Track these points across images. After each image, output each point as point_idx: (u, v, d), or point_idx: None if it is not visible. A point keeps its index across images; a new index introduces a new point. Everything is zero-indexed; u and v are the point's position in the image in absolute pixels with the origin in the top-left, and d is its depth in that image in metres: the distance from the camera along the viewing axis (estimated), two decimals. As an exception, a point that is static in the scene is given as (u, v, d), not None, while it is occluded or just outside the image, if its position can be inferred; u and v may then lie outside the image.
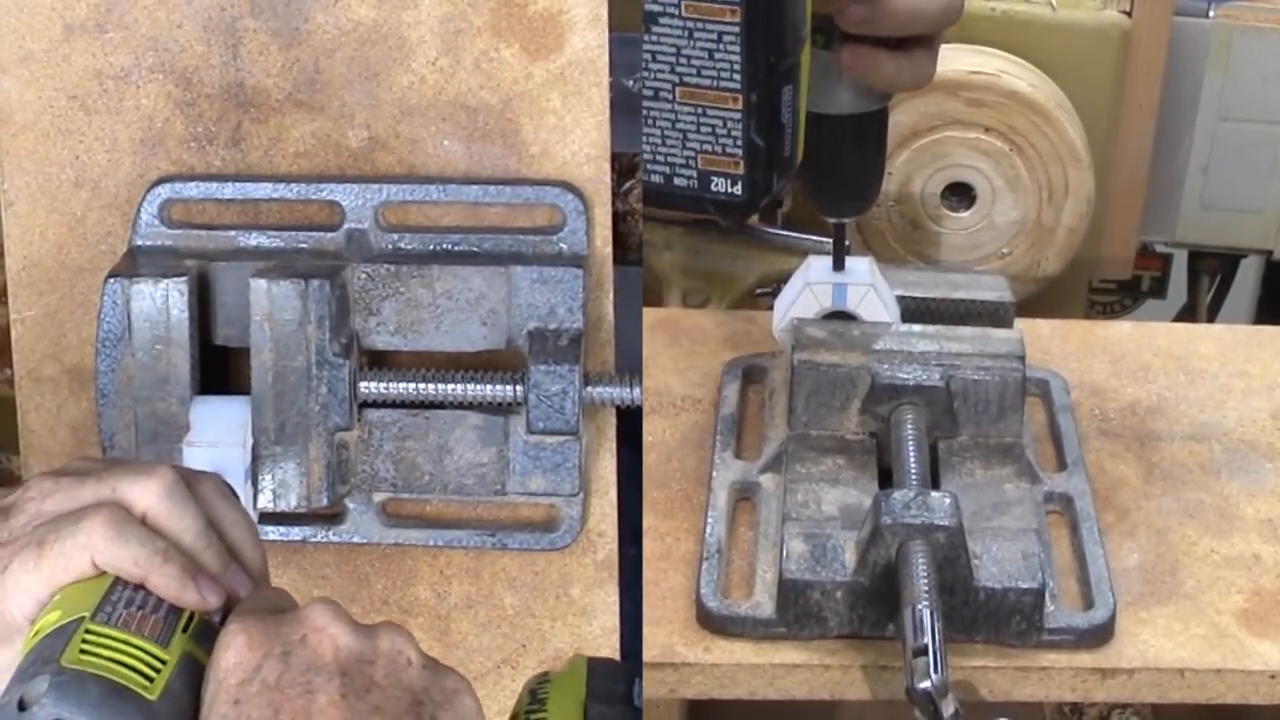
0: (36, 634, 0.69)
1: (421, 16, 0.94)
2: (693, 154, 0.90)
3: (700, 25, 0.87)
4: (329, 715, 0.65)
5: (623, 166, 1.22)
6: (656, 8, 0.87)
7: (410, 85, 0.95)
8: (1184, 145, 1.55)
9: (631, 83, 1.00)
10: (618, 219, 1.04)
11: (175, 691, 0.68)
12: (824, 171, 1.08)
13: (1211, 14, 1.52)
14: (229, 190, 0.96)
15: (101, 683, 0.66)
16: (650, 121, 0.90)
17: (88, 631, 0.68)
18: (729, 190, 0.91)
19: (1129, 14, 1.49)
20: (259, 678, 0.67)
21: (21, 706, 0.65)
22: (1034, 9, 1.48)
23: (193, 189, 0.96)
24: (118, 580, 0.70)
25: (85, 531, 0.70)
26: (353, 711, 0.66)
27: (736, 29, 0.87)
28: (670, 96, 0.89)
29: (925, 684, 0.88)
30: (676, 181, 0.91)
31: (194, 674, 0.69)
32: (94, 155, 0.96)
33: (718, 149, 0.90)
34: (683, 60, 0.88)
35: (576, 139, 0.95)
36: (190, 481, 0.74)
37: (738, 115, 0.89)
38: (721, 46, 0.87)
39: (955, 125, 1.43)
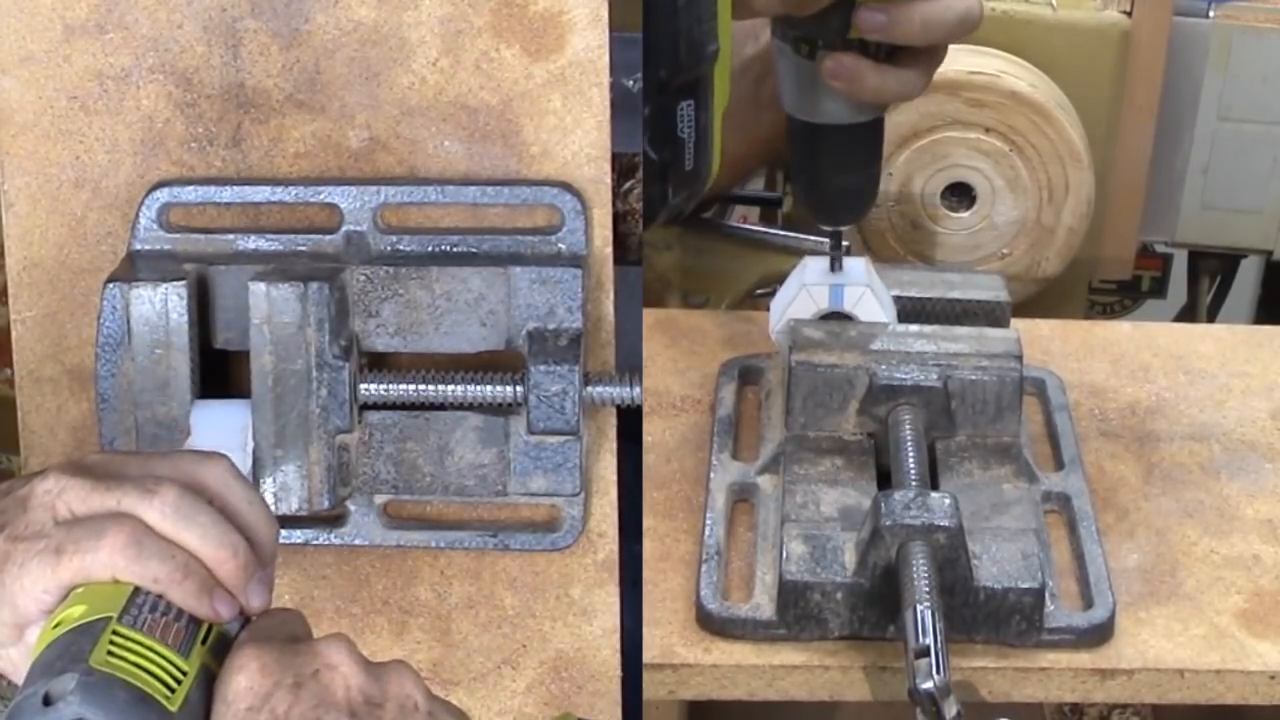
0: (58, 626, 0.69)
1: (422, 17, 0.94)
2: None
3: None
4: None
5: (623, 166, 1.22)
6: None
7: (410, 86, 0.95)
8: (1184, 145, 1.55)
9: (631, 83, 1.00)
10: (618, 219, 1.04)
11: (194, 704, 0.68)
12: (815, 180, 1.08)
13: (1211, 14, 1.52)
14: (227, 194, 0.96)
15: (129, 689, 0.66)
16: None
17: (115, 633, 0.68)
18: None
19: (1129, 14, 1.49)
20: (268, 706, 0.67)
21: (46, 701, 0.65)
22: (1034, 9, 1.49)
23: (190, 193, 0.96)
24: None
25: (106, 550, 0.71)
26: None
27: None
28: None
29: (928, 685, 0.88)
30: None
31: (209, 687, 0.70)
32: (94, 156, 0.96)
33: None
34: None
35: (577, 139, 0.95)
36: (198, 483, 0.75)
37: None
38: None
39: (955, 125, 1.43)
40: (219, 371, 0.95)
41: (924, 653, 0.89)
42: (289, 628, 0.73)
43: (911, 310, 1.15)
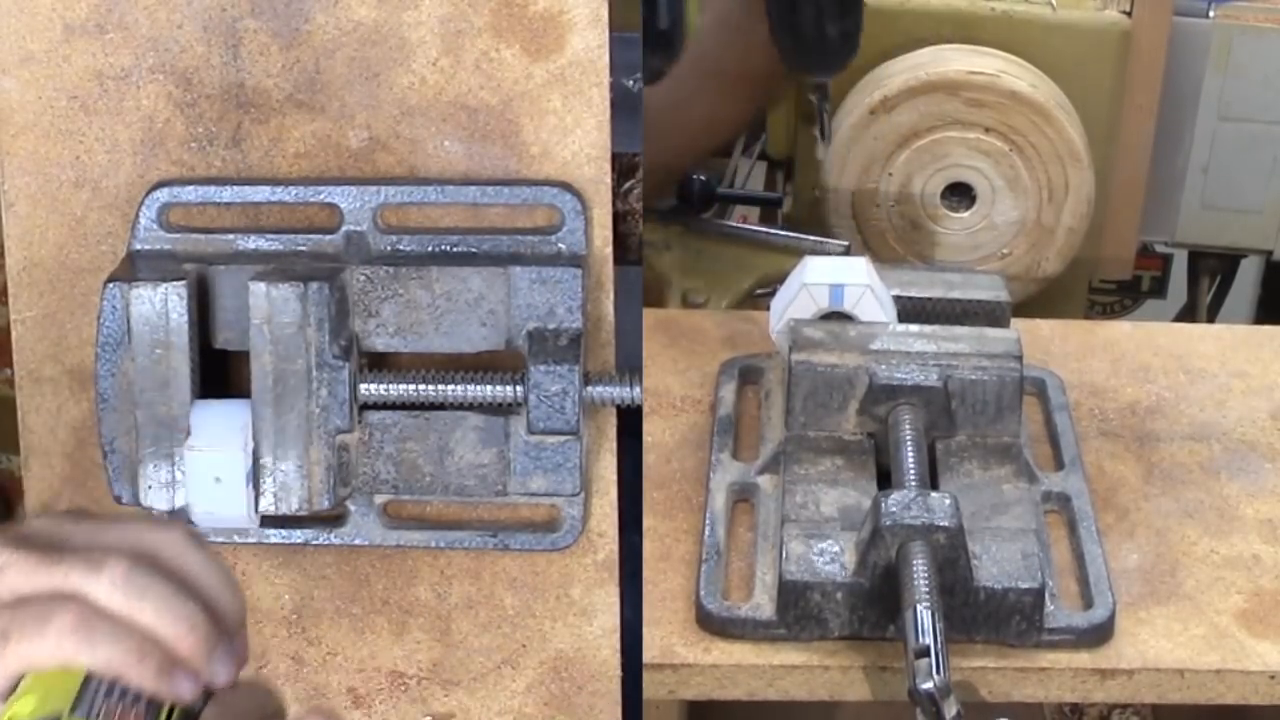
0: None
1: (422, 17, 0.94)
2: None
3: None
4: None
5: (623, 166, 1.22)
6: None
7: (411, 86, 0.95)
8: (1184, 145, 1.55)
9: (631, 83, 1.00)
10: (618, 219, 1.04)
11: None
12: (798, 31, 1.11)
13: (1211, 14, 1.52)
14: (227, 194, 0.96)
15: None
16: None
17: None
18: None
19: (1129, 14, 1.49)
20: None
21: None
22: (1034, 9, 1.49)
23: (190, 193, 0.96)
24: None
25: (54, 634, 0.66)
26: None
27: None
28: None
29: (928, 685, 0.88)
30: None
31: None
32: (94, 156, 0.96)
33: None
34: None
35: (577, 139, 0.95)
36: (149, 552, 0.70)
37: None
38: None
39: (955, 125, 1.43)
40: (219, 371, 0.95)
41: (924, 653, 0.89)
42: (258, 702, 0.69)
43: (911, 310, 1.15)
